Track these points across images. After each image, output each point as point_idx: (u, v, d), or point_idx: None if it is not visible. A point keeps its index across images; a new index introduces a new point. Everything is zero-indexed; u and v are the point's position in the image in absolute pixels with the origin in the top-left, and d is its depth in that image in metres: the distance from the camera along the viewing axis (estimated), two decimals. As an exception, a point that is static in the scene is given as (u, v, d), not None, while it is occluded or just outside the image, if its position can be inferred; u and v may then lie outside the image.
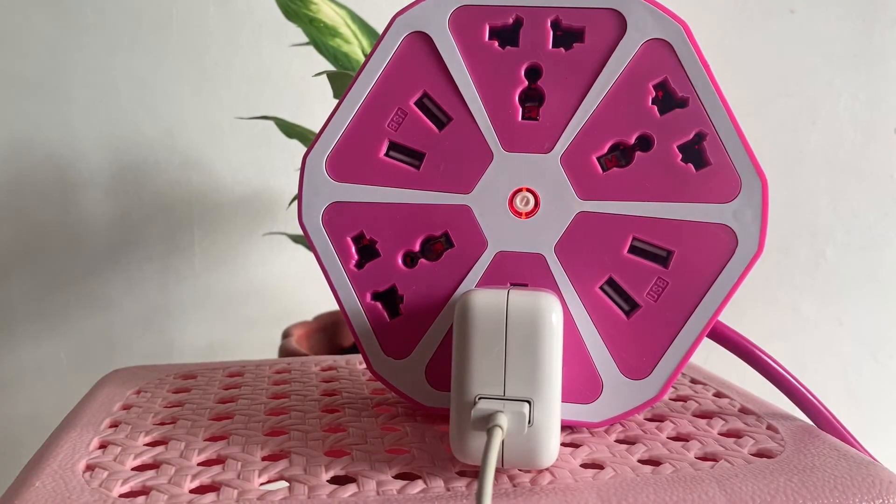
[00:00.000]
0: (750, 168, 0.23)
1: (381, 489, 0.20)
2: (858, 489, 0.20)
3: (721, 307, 0.23)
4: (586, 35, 0.23)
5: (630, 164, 0.23)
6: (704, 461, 0.22)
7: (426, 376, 0.24)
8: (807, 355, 0.73)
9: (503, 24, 0.24)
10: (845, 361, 0.73)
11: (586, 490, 0.20)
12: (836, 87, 0.70)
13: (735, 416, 0.26)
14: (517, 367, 0.20)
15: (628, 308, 0.23)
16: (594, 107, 0.23)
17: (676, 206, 0.23)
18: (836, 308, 0.73)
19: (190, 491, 0.20)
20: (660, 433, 0.24)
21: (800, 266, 0.72)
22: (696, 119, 0.23)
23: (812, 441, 0.24)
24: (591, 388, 0.23)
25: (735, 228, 0.23)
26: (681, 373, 0.30)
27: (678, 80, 0.23)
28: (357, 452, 0.23)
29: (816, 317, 0.73)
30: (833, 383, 0.72)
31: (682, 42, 0.23)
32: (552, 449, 0.20)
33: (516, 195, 0.23)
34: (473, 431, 0.20)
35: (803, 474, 0.21)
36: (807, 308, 0.73)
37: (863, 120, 0.71)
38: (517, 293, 0.20)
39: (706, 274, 0.23)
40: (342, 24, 0.46)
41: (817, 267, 0.72)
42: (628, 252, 0.23)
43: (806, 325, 0.73)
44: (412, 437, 0.24)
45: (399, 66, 0.24)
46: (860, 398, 0.73)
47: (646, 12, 0.23)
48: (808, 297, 0.73)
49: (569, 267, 0.23)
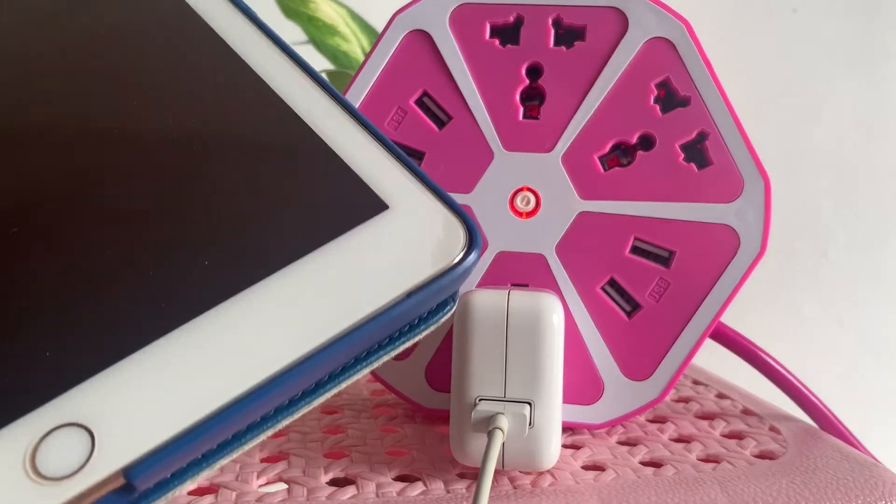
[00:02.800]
0: (752, 168, 0.23)
1: (380, 491, 0.20)
2: (861, 491, 0.20)
3: (723, 308, 0.23)
4: (588, 33, 0.23)
5: (631, 164, 0.23)
6: (706, 463, 0.22)
7: (426, 377, 0.24)
8: (808, 356, 0.72)
9: (504, 22, 0.23)
10: (847, 362, 0.73)
11: (587, 492, 0.20)
12: (839, 87, 0.70)
13: (737, 417, 0.26)
14: (518, 369, 0.20)
15: (630, 309, 0.23)
16: (595, 106, 0.23)
17: (678, 206, 0.23)
18: (839, 308, 0.73)
19: (188, 493, 0.20)
20: (661, 435, 0.24)
21: (802, 266, 0.72)
22: (699, 118, 0.23)
23: (814, 442, 0.23)
24: (592, 390, 0.23)
25: (737, 228, 0.23)
26: (682, 374, 0.30)
27: (680, 79, 0.23)
28: (356, 454, 0.23)
29: (818, 317, 0.73)
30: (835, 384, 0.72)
31: (685, 41, 0.23)
32: (553, 451, 0.20)
33: (517, 195, 0.23)
34: (474, 433, 0.20)
35: (806, 476, 0.21)
36: (809, 309, 0.72)
37: (866, 119, 0.70)
38: (518, 293, 0.20)
39: (708, 274, 0.23)
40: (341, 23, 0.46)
41: (819, 267, 0.72)
42: (630, 252, 0.23)
43: (808, 325, 0.73)
44: (412, 439, 0.24)
45: (399, 64, 0.24)
46: (862, 399, 0.73)
47: (648, 11, 0.23)
48: (810, 297, 0.72)
49: (570, 267, 0.23)
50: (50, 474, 0.13)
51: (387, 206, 0.16)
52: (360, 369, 0.15)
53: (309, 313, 0.15)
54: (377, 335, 0.15)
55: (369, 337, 0.15)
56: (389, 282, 0.15)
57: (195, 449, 0.13)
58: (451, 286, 0.15)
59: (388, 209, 0.16)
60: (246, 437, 0.14)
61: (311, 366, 0.14)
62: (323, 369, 0.15)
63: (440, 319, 0.16)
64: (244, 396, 0.14)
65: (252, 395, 0.14)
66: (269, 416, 0.15)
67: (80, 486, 0.13)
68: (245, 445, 0.14)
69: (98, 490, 0.13)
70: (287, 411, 0.15)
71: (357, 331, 0.14)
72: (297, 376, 0.14)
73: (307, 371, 0.14)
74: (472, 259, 0.15)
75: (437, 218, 0.16)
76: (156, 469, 0.13)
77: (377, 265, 0.15)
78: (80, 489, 0.13)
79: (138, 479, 0.13)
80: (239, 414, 0.14)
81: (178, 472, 0.14)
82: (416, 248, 0.15)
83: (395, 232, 0.16)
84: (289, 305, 0.15)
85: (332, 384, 0.15)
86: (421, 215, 0.16)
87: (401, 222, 0.16)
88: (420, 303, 0.15)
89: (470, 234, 0.16)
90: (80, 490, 0.13)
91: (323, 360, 0.14)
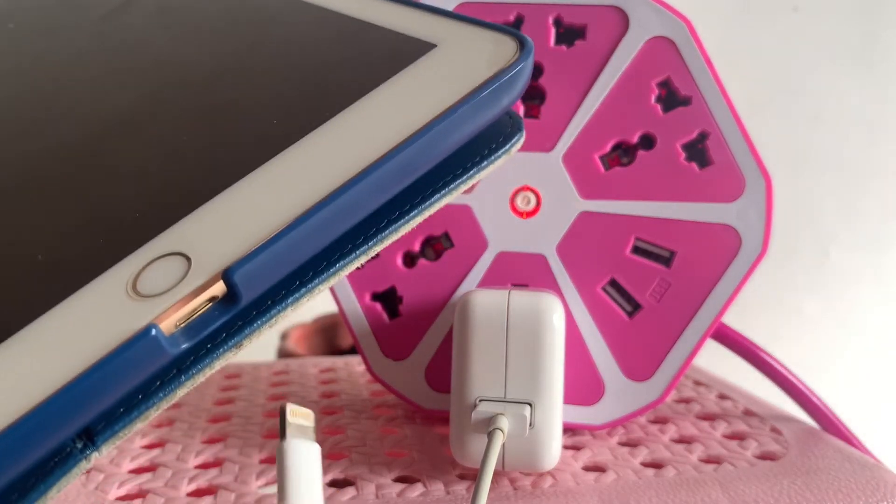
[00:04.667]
0: (754, 167, 0.22)
1: (380, 492, 0.20)
2: (863, 492, 0.20)
3: (724, 308, 0.23)
4: (588, 32, 0.23)
5: (632, 164, 0.23)
6: (707, 464, 0.22)
7: (426, 378, 0.24)
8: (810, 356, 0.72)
9: (504, 21, 0.23)
10: (849, 363, 0.73)
11: (588, 493, 0.20)
12: (841, 86, 0.70)
13: (738, 418, 0.26)
14: (518, 369, 0.20)
15: (631, 309, 0.23)
16: (596, 105, 0.23)
17: (679, 206, 0.23)
18: (840, 309, 0.72)
19: (187, 494, 0.20)
20: (662, 435, 0.24)
21: (804, 266, 0.72)
22: (700, 118, 0.23)
23: (816, 443, 0.23)
24: (592, 390, 0.23)
25: (739, 228, 0.22)
26: (684, 374, 0.30)
27: (681, 78, 0.23)
28: (356, 455, 0.22)
29: (820, 318, 0.72)
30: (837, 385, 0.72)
31: (686, 40, 0.23)
32: (553, 452, 0.20)
33: (517, 194, 0.23)
34: (474, 434, 0.20)
35: (807, 477, 0.21)
36: (811, 309, 0.72)
37: (868, 119, 0.70)
38: (518, 294, 0.20)
39: (709, 275, 0.23)
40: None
41: (821, 267, 0.72)
42: (631, 252, 0.23)
43: (810, 325, 0.73)
44: (412, 440, 0.24)
45: (399, 64, 0.24)
46: (864, 400, 0.73)
47: (649, 10, 0.23)
48: (812, 297, 0.72)
49: (570, 267, 0.23)
50: (148, 292, 0.13)
51: (434, 45, 0.17)
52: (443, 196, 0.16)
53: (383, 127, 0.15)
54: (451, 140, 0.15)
55: (442, 140, 0.15)
56: (450, 90, 0.16)
57: (288, 254, 0.14)
58: (508, 89, 0.16)
59: (435, 47, 0.17)
60: (338, 263, 0.15)
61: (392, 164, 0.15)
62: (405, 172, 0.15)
63: (510, 149, 0.17)
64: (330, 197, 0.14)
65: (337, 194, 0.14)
66: (358, 244, 0.16)
67: (178, 295, 0.13)
68: (339, 272, 0.15)
69: (198, 295, 0.13)
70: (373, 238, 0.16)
71: (428, 130, 0.15)
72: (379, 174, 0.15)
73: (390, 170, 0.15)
74: (526, 62, 0.16)
75: (485, 39, 0.17)
76: (254, 270, 0.14)
77: (438, 85, 0.16)
78: (179, 296, 0.13)
79: (238, 279, 0.13)
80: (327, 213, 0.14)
81: (277, 291, 0.15)
82: (470, 64, 0.16)
83: (448, 60, 0.17)
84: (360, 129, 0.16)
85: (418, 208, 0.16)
86: (469, 41, 0.17)
87: (451, 52, 0.17)
88: (482, 104, 0.15)
89: (521, 42, 0.16)
90: (179, 297, 0.13)
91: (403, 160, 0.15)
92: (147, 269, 0.14)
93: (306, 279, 0.15)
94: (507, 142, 0.17)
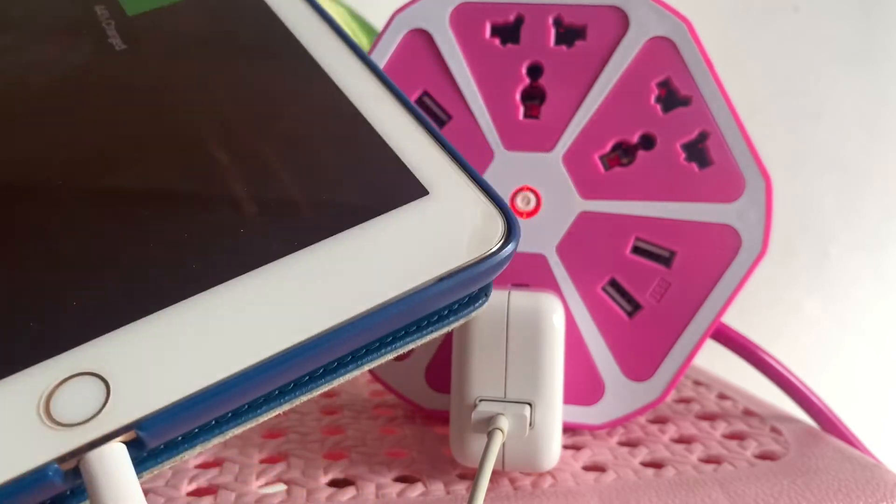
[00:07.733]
0: (754, 167, 0.22)
1: (380, 492, 0.20)
2: (863, 492, 0.20)
3: (724, 308, 0.23)
4: (588, 32, 0.23)
5: (632, 164, 0.23)
6: (707, 464, 0.22)
7: (426, 378, 0.24)
8: (810, 356, 0.72)
9: (504, 21, 0.23)
10: (849, 362, 0.73)
11: (588, 493, 0.20)
12: (841, 86, 0.70)
13: (738, 418, 0.26)
14: (518, 369, 0.20)
15: (631, 309, 0.23)
16: (596, 105, 0.23)
17: (679, 206, 0.23)
18: (840, 308, 0.72)
19: (187, 494, 0.20)
20: (662, 435, 0.24)
21: (803, 266, 0.72)
22: (700, 118, 0.23)
23: (816, 443, 0.23)
24: (592, 390, 0.23)
25: (739, 228, 0.22)
26: (684, 374, 0.30)
27: (681, 78, 0.23)
28: (356, 455, 0.22)
29: (820, 317, 0.72)
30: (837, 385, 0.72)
31: (686, 40, 0.23)
32: (553, 452, 0.20)
33: (517, 194, 0.23)
34: (474, 434, 0.20)
35: (807, 477, 0.21)
36: (811, 309, 0.72)
37: (868, 119, 0.70)
38: (518, 294, 0.20)
39: (709, 275, 0.23)
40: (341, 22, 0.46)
41: (821, 267, 0.72)
42: (631, 252, 0.23)
43: (809, 325, 0.72)
44: (412, 440, 0.24)
45: (398, 64, 0.24)
46: (864, 400, 0.73)
47: (649, 10, 0.23)
48: (812, 297, 0.72)
49: (570, 267, 0.23)
50: (63, 420, 0.13)
51: (427, 192, 0.16)
52: (386, 353, 0.15)
53: (337, 290, 0.14)
54: (405, 318, 0.15)
55: (397, 318, 0.15)
56: (423, 265, 0.15)
57: (209, 411, 0.13)
58: (484, 276, 0.15)
59: (427, 195, 0.16)
60: (262, 408, 0.14)
61: (333, 341, 0.14)
62: (346, 346, 0.14)
63: (471, 313, 0.16)
64: (262, 364, 0.14)
65: (269, 364, 0.14)
66: (287, 391, 0.15)
67: (90, 434, 0.13)
68: (259, 417, 0.14)
69: (108, 440, 0.13)
70: (306, 388, 0.15)
71: (383, 310, 0.14)
72: (318, 350, 0.14)
73: (329, 346, 0.14)
74: (508, 250, 0.15)
75: (476, 207, 0.16)
76: (167, 426, 0.13)
77: (412, 248, 0.15)
78: (91, 437, 0.13)
79: (149, 434, 0.13)
80: (256, 381, 0.14)
81: (188, 435, 0.14)
82: (453, 235, 0.15)
83: (432, 218, 0.16)
84: (317, 281, 0.15)
85: (355, 365, 0.15)
86: (460, 204, 0.16)
87: (439, 209, 0.16)
88: (451, 289, 0.15)
89: (509, 225, 0.15)
90: (90, 438, 0.13)
91: (346, 337, 0.14)
92: (62, 388, 0.13)
93: (223, 420, 0.14)
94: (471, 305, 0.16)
